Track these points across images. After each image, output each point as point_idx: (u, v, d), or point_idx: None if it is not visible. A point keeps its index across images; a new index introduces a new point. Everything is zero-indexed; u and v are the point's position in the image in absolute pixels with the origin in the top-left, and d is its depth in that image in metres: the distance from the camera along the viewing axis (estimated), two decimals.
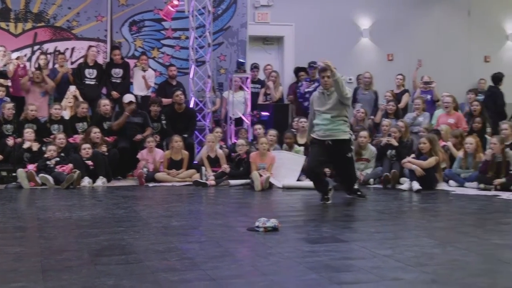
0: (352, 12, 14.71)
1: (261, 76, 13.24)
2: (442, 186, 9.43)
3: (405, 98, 12.84)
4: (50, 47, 12.79)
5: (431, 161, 9.16)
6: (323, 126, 7.79)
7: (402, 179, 9.51)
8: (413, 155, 9.46)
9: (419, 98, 12.04)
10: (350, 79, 14.02)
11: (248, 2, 13.82)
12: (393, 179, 9.47)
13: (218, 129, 11.27)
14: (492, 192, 8.78)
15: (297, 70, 13.11)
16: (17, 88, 11.56)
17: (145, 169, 10.24)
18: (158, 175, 10.20)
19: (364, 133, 10.20)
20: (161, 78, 12.97)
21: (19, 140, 10.31)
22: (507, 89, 13.50)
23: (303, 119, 10.98)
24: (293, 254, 4.83)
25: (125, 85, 12.07)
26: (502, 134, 9.89)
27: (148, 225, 6.15)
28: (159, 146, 10.90)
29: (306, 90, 12.10)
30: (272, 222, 5.79)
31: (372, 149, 10.19)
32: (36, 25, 12.74)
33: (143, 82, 12.02)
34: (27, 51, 12.64)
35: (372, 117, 12.12)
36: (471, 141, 9.70)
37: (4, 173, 9.87)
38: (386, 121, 10.96)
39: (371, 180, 9.86)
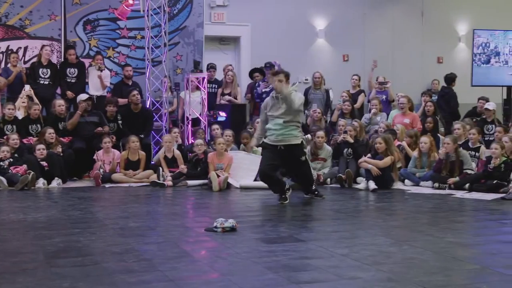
0: (308, 12, 14.80)
1: (218, 76, 13.22)
2: (397, 185, 9.56)
3: (360, 98, 12.98)
4: (2, 46, 12.56)
5: (387, 160, 9.28)
6: (275, 131, 7.80)
7: (359, 179, 9.62)
8: (369, 155, 9.56)
9: (375, 98, 12.20)
10: (306, 79, 14.12)
11: (204, 2, 13.79)
12: (348, 178, 9.55)
13: (176, 129, 11.23)
14: (447, 191, 8.93)
15: (252, 72, 13.13)
16: None
17: (101, 170, 10.14)
18: (115, 176, 10.11)
19: (320, 133, 10.27)
20: (117, 78, 12.85)
21: None
22: (460, 90, 13.75)
23: (258, 119, 11.05)
24: (251, 254, 4.84)
25: (80, 85, 11.92)
26: (455, 133, 10.09)
27: (104, 227, 6.09)
28: (115, 146, 10.80)
29: (264, 90, 12.14)
30: (230, 223, 5.79)
31: (328, 149, 10.28)
32: None
33: (98, 82, 11.90)
34: None
35: (324, 116, 12.20)
36: (425, 141, 9.85)
37: None
38: (342, 121, 11.09)
39: (328, 179, 9.94)
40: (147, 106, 11.90)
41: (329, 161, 10.22)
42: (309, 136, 10.97)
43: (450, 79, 13.58)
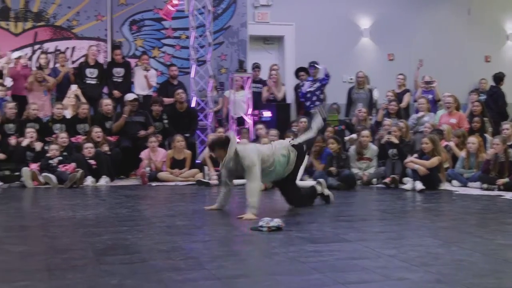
0: (352, 11, 14.73)
1: (263, 75, 13.23)
2: (445, 186, 9.41)
3: (406, 98, 12.85)
4: (50, 46, 12.81)
5: (434, 161, 9.15)
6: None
7: (405, 179, 9.50)
8: (415, 155, 9.45)
9: (422, 98, 12.02)
10: (351, 79, 14.04)
11: (248, 1, 13.84)
12: (394, 183, 9.43)
13: (221, 129, 11.27)
14: (496, 192, 8.76)
15: (298, 71, 13.11)
16: (19, 88, 11.57)
17: (147, 169, 10.25)
18: (161, 175, 10.21)
19: (365, 132, 10.20)
20: (163, 78, 12.99)
21: (21, 139, 10.31)
22: (508, 89, 13.51)
23: (303, 119, 11.04)
24: (297, 254, 4.82)
25: (127, 85, 12.08)
26: (504, 134, 9.89)
27: (151, 225, 6.15)
28: (161, 145, 10.91)
29: (308, 90, 12.09)
30: (276, 222, 5.79)
31: (374, 148, 10.19)
32: (36, 24, 12.77)
33: (144, 81, 12.04)
34: (28, 51, 12.66)
35: (369, 116, 12.11)
36: (473, 141, 9.70)
37: (7, 172, 9.89)
38: (387, 121, 10.98)
39: (374, 180, 9.86)
40: (192, 106, 11.97)
41: (374, 161, 10.13)
42: (354, 135, 10.92)
43: (498, 78, 13.36)
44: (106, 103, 11.25)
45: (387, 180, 9.46)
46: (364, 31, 14.80)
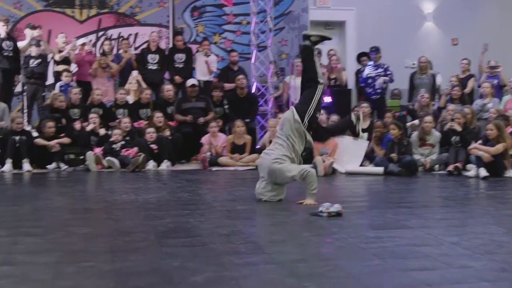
0: None
1: (323, 61, 13.15)
2: (510, 173, 9.18)
3: (471, 83, 12.56)
4: (114, 33, 13.03)
5: (499, 147, 8.94)
6: None
7: (469, 166, 9.30)
8: (480, 141, 9.25)
9: (487, 83, 11.73)
10: (413, 64, 13.81)
11: None
12: (457, 170, 9.25)
13: (281, 115, 11.24)
14: None
15: (359, 56, 12.97)
16: (84, 74, 11.83)
17: (208, 153, 10.34)
18: (221, 159, 10.29)
19: (428, 118, 10.03)
20: (223, 63, 13.05)
21: (85, 124, 10.54)
22: None
23: (364, 104, 10.92)
24: (357, 239, 4.78)
25: (188, 70, 12.19)
26: None
27: (212, 209, 6.20)
28: (221, 130, 10.99)
29: (368, 74, 11.96)
30: (336, 207, 5.76)
31: (436, 134, 10.02)
32: (100, 11, 12.99)
33: (205, 67, 12.12)
34: (92, 37, 12.91)
35: (432, 102, 11.90)
36: None
37: (72, 156, 10.13)
38: (451, 106, 10.77)
39: (436, 166, 9.71)
40: (253, 91, 12.00)
41: (437, 147, 9.97)
42: (416, 121, 10.76)
43: None
44: (168, 89, 11.38)
45: (450, 167, 9.29)
46: (427, 15, 14.53)
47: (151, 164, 9.83)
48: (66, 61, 11.74)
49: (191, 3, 13.33)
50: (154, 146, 10.06)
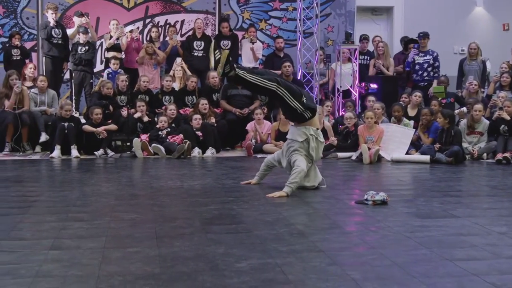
0: None
1: (370, 47, 13.01)
2: None
3: None
4: (161, 20, 13.11)
5: None
6: None
7: None
8: None
9: None
10: (462, 50, 13.60)
11: None
12: (506, 160, 9.06)
13: (329, 103, 11.18)
14: None
15: (407, 42, 12.77)
16: (131, 61, 11.95)
17: (253, 141, 10.35)
18: (266, 147, 10.28)
19: (478, 106, 9.83)
20: (269, 50, 13.03)
21: (132, 111, 10.66)
22: None
23: (417, 93, 10.75)
24: (403, 228, 4.74)
25: (233, 57, 12.17)
26: None
27: (256, 196, 6.21)
28: (267, 118, 10.97)
29: (415, 60, 11.81)
30: (381, 196, 5.72)
31: (486, 122, 9.83)
32: None
33: (251, 54, 12.11)
34: (139, 24, 13.02)
35: (481, 89, 11.67)
36: None
37: (118, 143, 10.26)
38: (502, 93, 10.54)
39: (484, 154, 9.54)
40: (298, 78, 11.95)
41: (485, 135, 9.78)
42: (464, 109, 10.58)
43: None
44: (213, 76, 11.41)
45: (499, 156, 9.11)
46: (477, 0, 14.23)
47: (196, 151, 9.88)
48: (116, 48, 11.87)
49: None
50: (199, 133, 10.12)
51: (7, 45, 11.91)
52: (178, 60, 11.83)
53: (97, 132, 9.94)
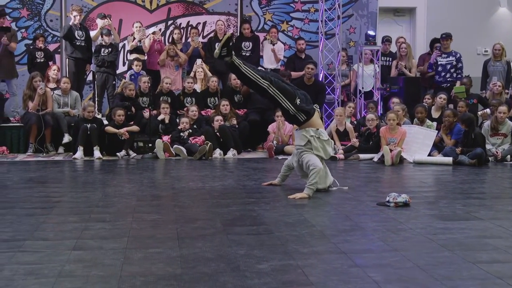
0: None
1: (393, 48, 12.94)
2: None
3: None
4: (183, 21, 13.16)
5: None
6: None
7: None
8: None
9: None
10: (485, 51, 13.48)
11: None
12: None
13: (351, 104, 11.14)
14: None
15: (432, 42, 12.68)
16: (153, 62, 11.99)
17: (274, 142, 10.34)
18: (288, 148, 10.26)
19: (503, 108, 9.75)
20: (290, 52, 13.02)
21: (154, 112, 10.71)
22: None
23: (442, 95, 10.66)
24: (425, 230, 4.71)
25: (255, 58, 12.19)
26: None
27: (278, 197, 6.21)
28: None
29: (438, 61, 11.73)
30: (403, 198, 5.69)
31: (509, 124, 9.74)
32: (169, 0, 13.13)
33: (272, 55, 12.11)
34: (161, 26, 13.08)
35: (506, 90, 11.56)
36: None
37: (140, 144, 10.32)
38: None
39: (508, 156, 9.45)
40: (320, 79, 11.93)
41: (509, 137, 9.69)
42: (488, 110, 10.49)
43: None
44: (235, 77, 11.41)
45: None
46: (501, 1, 14.11)
47: (217, 152, 9.90)
48: (139, 49, 11.93)
49: None
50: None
51: (31, 47, 12.02)
52: (198, 61, 11.86)
53: (120, 134, 10.00)
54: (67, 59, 11.78)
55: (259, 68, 11.50)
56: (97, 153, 9.76)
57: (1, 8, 11.96)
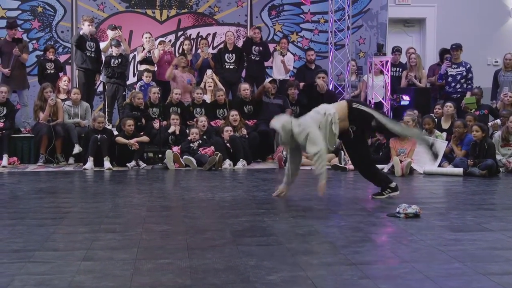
0: None
1: (403, 59, 12.93)
2: None
3: None
4: (193, 32, 13.21)
5: None
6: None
7: None
8: None
9: None
10: (496, 61, 13.45)
11: None
12: None
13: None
14: None
15: (442, 53, 12.66)
16: (163, 73, 12.03)
17: (284, 153, 10.33)
18: None
19: None
20: (300, 62, 13.04)
21: (164, 123, 10.74)
22: None
23: (449, 103, 10.63)
24: (436, 241, 4.69)
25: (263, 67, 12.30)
26: None
27: (288, 208, 6.21)
28: None
29: (448, 71, 11.71)
30: (413, 209, 5.67)
31: None
32: (179, 11, 13.21)
33: (282, 66, 12.14)
34: (171, 37, 13.13)
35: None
36: None
37: (150, 155, 10.34)
38: None
39: None
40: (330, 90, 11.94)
41: None
42: (498, 121, 10.45)
43: None
44: (244, 88, 11.44)
45: None
46: None
47: (227, 163, 9.91)
48: (149, 60, 11.98)
49: (269, 1, 13.39)
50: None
51: (41, 58, 12.09)
52: (209, 72, 11.89)
53: (129, 144, 10.02)
54: (77, 70, 11.84)
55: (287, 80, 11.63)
56: (107, 163, 9.78)
57: (13, 20, 12.07)
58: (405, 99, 11.77)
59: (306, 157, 10.03)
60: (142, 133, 10.44)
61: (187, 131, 10.57)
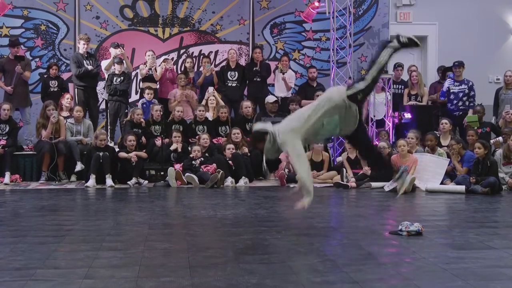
0: (499, 8, 14.13)
1: (404, 76, 12.95)
2: None
3: None
4: (195, 50, 13.26)
5: None
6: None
7: None
8: None
9: None
10: (497, 79, 13.48)
11: (390, 1, 13.65)
12: None
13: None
14: None
15: (444, 71, 12.68)
16: (165, 91, 12.07)
17: (286, 170, 10.34)
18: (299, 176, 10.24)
19: None
20: (302, 80, 13.08)
21: (166, 140, 10.75)
22: None
23: (445, 120, 10.65)
24: (438, 259, 4.68)
25: (265, 86, 12.31)
26: None
27: (289, 226, 6.20)
28: None
29: (450, 89, 11.72)
30: (416, 226, 5.65)
31: None
32: (182, 29, 13.27)
33: (283, 83, 12.17)
34: (174, 55, 13.18)
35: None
36: None
37: (152, 172, 10.34)
38: None
39: None
40: None
41: None
42: (500, 138, 10.45)
43: None
44: (246, 105, 11.47)
45: None
46: None
47: (229, 181, 9.91)
48: (151, 78, 12.01)
49: (271, 20, 13.45)
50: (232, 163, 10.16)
51: (45, 76, 12.14)
52: (210, 89, 11.92)
53: (129, 157, 10.04)
54: (76, 89, 11.90)
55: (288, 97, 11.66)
56: (109, 181, 9.78)
57: (15, 38, 12.12)
58: (407, 117, 11.77)
59: (315, 176, 10.05)
60: (144, 151, 10.46)
61: (189, 148, 10.57)
